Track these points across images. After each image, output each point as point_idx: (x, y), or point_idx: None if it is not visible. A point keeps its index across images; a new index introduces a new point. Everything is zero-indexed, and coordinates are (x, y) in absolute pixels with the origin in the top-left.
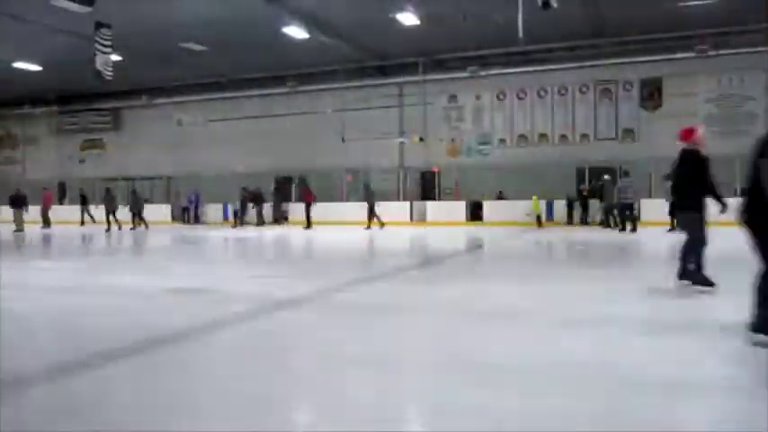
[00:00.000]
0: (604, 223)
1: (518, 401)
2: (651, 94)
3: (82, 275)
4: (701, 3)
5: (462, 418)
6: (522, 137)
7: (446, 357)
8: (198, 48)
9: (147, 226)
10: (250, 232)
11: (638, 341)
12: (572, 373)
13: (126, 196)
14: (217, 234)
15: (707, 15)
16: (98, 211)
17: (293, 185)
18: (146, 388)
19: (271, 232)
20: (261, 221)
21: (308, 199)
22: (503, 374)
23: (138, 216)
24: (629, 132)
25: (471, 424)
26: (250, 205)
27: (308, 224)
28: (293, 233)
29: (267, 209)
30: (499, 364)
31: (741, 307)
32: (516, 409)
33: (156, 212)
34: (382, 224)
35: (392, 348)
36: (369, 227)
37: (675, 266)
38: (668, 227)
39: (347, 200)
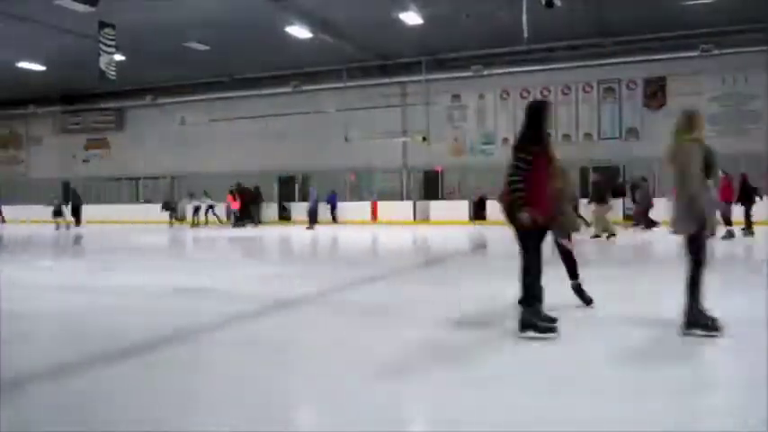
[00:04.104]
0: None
1: (518, 403)
2: (655, 93)
3: (83, 275)
4: (703, 2)
5: (464, 418)
6: None
7: (448, 358)
8: (201, 47)
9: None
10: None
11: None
12: (573, 373)
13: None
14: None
15: (710, 14)
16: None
17: (296, 185)
18: (147, 388)
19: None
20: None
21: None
22: (504, 375)
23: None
24: (632, 131)
25: (473, 425)
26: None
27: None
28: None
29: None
30: (499, 363)
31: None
32: (518, 410)
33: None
34: None
35: (393, 349)
36: None
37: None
38: None
39: (350, 199)
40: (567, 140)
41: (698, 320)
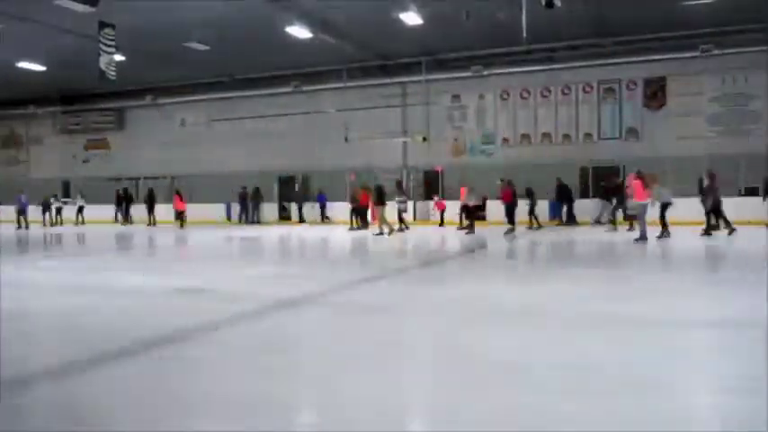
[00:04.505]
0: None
1: (518, 401)
2: (655, 93)
3: (82, 275)
4: (703, 2)
5: (465, 418)
6: (526, 136)
7: (448, 358)
8: (201, 47)
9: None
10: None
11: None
12: (572, 372)
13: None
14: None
15: (710, 14)
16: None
17: (296, 185)
18: (146, 388)
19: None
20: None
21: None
22: (506, 374)
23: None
24: (632, 132)
25: (473, 424)
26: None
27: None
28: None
29: None
30: (501, 363)
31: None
32: (517, 409)
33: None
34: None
35: (394, 348)
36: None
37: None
38: None
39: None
40: (567, 140)
41: None
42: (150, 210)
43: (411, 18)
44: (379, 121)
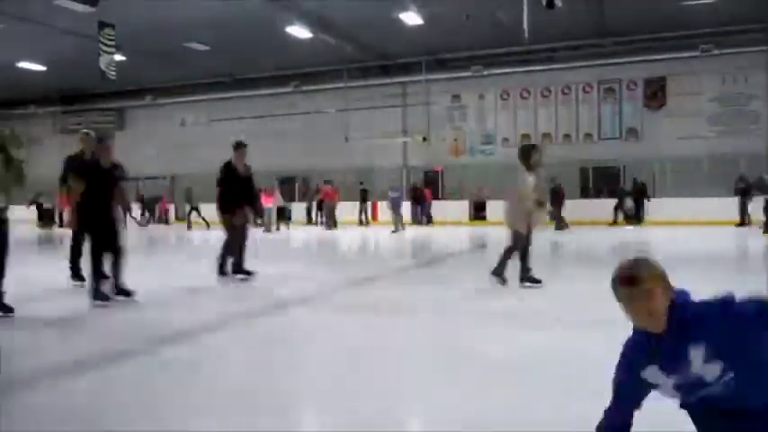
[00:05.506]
0: None
1: (517, 401)
2: (655, 93)
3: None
4: (704, 2)
5: (465, 417)
6: (526, 136)
7: (450, 357)
8: (201, 47)
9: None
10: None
11: None
12: (569, 372)
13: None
14: None
15: (710, 14)
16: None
17: (296, 185)
18: (147, 388)
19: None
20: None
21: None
22: (505, 373)
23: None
24: (632, 132)
25: (472, 423)
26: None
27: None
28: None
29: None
30: (501, 362)
31: None
32: (518, 409)
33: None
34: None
35: (394, 348)
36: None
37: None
38: None
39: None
40: (567, 140)
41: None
42: None
43: (411, 18)
44: (379, 121)
